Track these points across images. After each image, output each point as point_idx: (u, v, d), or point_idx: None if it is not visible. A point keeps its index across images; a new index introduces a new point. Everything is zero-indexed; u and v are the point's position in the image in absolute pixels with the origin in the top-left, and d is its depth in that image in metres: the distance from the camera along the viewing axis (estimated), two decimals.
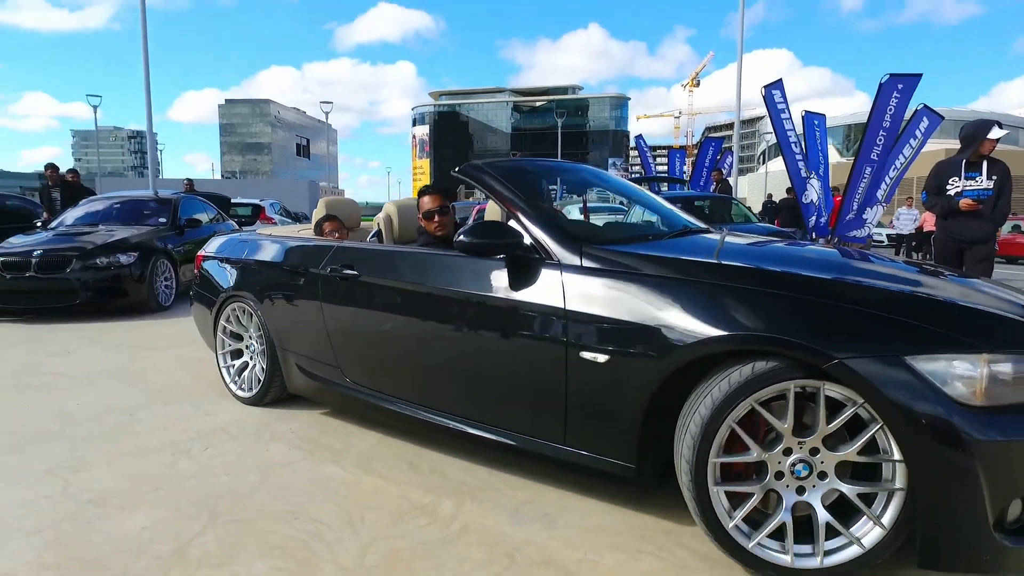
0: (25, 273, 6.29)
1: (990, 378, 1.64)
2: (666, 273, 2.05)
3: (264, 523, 2.20)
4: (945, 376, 1.65)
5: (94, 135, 47.25)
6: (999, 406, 1.64)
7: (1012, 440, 1.62)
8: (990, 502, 1.62)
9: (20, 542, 2.08)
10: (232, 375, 3.66)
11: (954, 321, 1.76)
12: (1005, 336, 1.73)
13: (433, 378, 2.63)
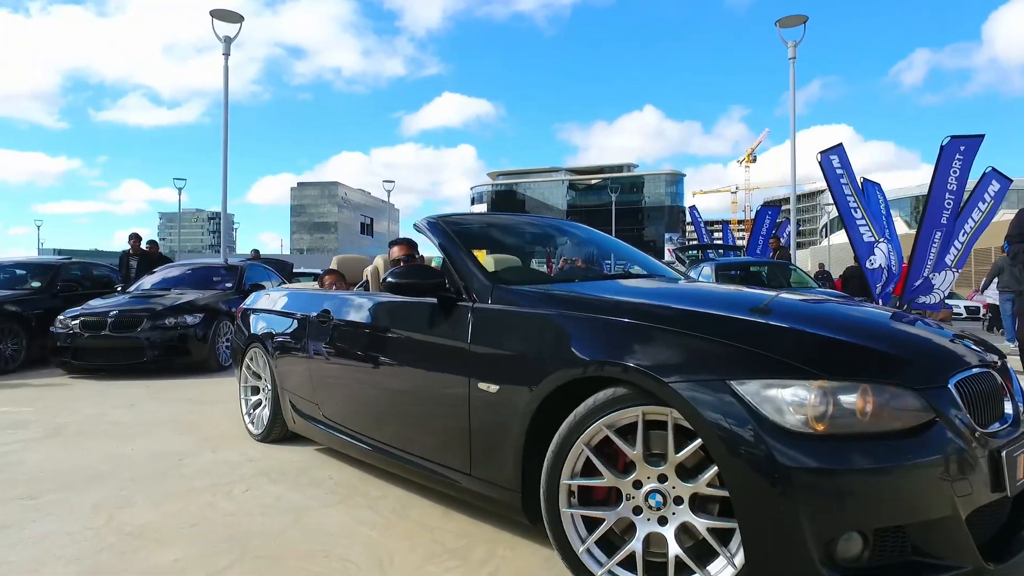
0: (101, 332, 6.69)
1: (821, 405, 1.54)
2: (545, 310, 2.11)
3: (292, 560, 2.16)
4: (770, 401, 1.55)
5: (178, 216, 51.01)
6: (832, 434, 1.52)
7: (839, 469, 1.49)
8: (813, 535, 1.49)
9: (58, 568, 2.11)
10: (249, 414, 3.98)
11: (793, 349, 1.68)
12: (847, 365, 1.64)
13: (375, 412, 2.83)
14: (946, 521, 1.55)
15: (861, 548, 1.53)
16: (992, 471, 1.61)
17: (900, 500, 1.52)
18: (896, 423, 1.56)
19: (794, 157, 12.60)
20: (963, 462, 1.58)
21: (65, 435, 4.08)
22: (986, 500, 1.61)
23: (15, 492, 2.92)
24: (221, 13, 12.23)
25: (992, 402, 1.74)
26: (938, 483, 1.54)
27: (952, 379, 1.67)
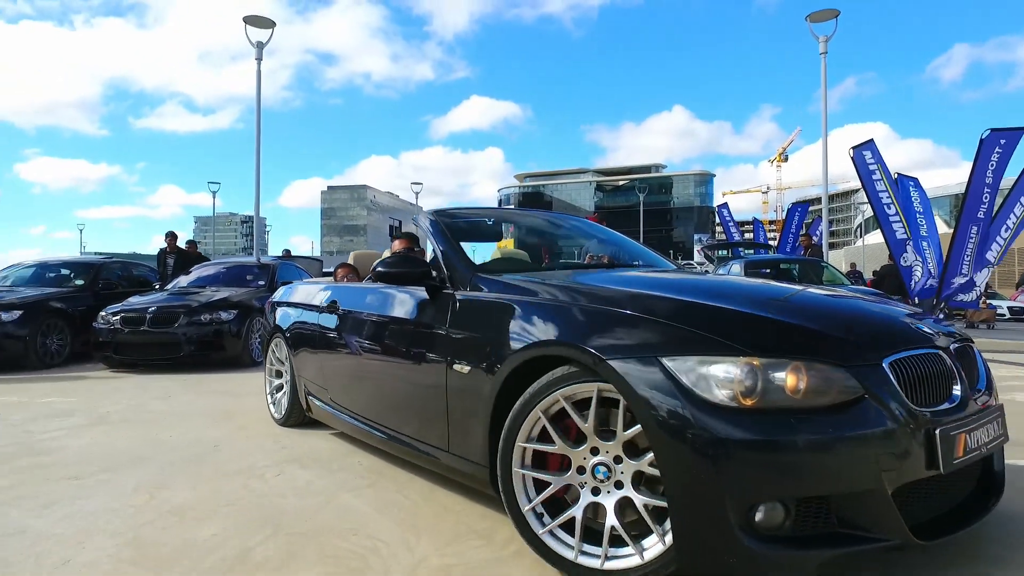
0: (140, 327, 6.91)
1: (749, 381, 1.60)
2: (512, 297, 2.24)
3: (323, 537, 2.22)
4: (699, 377, 1.63)
5: (212, 220, 52.22)
6: (759, 409, 1.59)
7: (760, 441, 1.56)
8: (733, 504, 1.56)
9: (103, 540, 2.21)
10: (272, 399, 4.22)
11: (726, 328, 1.75)
12: (778, 343, 1.70)
13: (372, 394, 3.02)
14: (871, 494, 1.60)
15: (783, 517, 1.59)
16: (927, 449, 1.66)
17: (821, 472, 1.58)
18: (823, 399, 1.61)
19: (825, 155, 12.38)
20: (890, 438, 1.62)
21: (108, 423, 4.24)
22: (917, 476, 1.66)
23: (62, 473, 3.06)
24: (254, 19, 12.52)
25: (937, 383, 1.78)
26: (862, 457, 1.59)
27: (887, 359, 1.71)
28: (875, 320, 1.98)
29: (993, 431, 1.85)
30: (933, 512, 1.78)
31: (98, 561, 2.04)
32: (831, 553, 1.60)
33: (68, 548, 2.15)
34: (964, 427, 1.74)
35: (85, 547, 2.15)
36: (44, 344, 7.32)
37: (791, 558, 1.58)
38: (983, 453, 1.80)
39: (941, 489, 1.81)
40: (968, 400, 1.83)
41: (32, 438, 3.81)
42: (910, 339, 1.85)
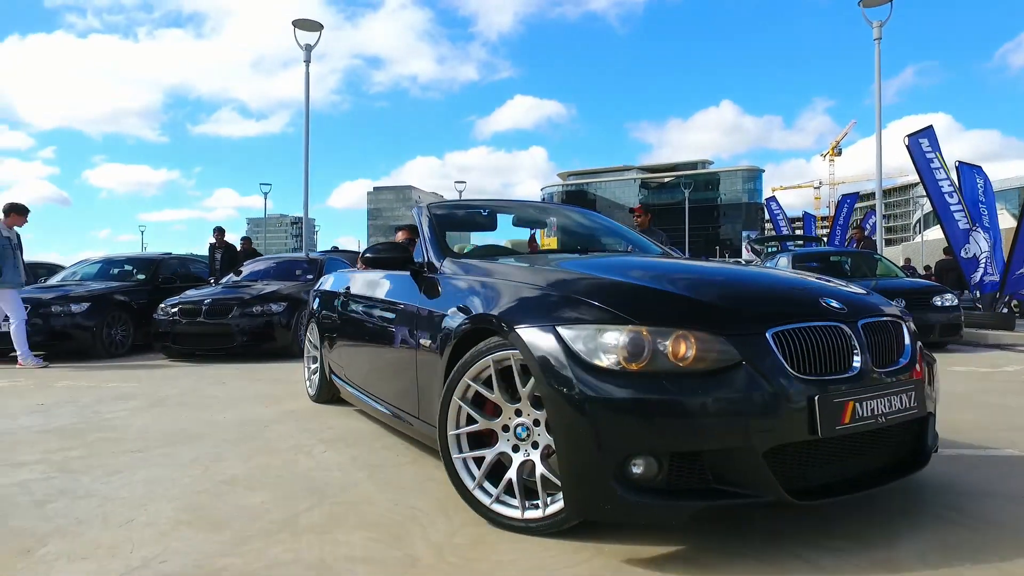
0: (196, 318, 7.23)
1: (632, 347, 1.77)
2: (465, 277, 2.54)
3: (366, 506, 2.31)
4: (587, 343, 1.81)
5: (264, 221, 53.85)
6: (641, 372, 1.75)
7: (630, 400, 1.73)
8: (608, 456, 1.74)
9: (163, 504, 2.35)
10: (308, 379, 4.59)
11: (619, 299, 1.94)
12: (664, 313, 1.87)
13: (369, 367, 3.37)
14: (742, 453, 1.73)
15: (656, 470, 1.75)
16: (808, 415, 1.76)
17: (691, 430, 1.73)
18: (702, 365, 1.77)
19: (879, 144, 11.95)
20: (763, 402, 1.74)
21: (167, 405, 4.47)
22: (795, 439, 1.78)
23: (125, 447, 3.25)
24: (302, 23, 12.89)
25: (834, 354, 1.89)
26: (732, 418, 1.73)
27: (770, 330, 1.84)
28: (765, 294, 2.16)
29: (899, 403, 1.93)
30: (837, 475, 1.91)
31: (157, 521, 2.18)
32: (702, 505, 1.75)
33: (131, 510, 2.30)
34: (854, 396, 1.83)
35: (147, 509, 2.30)
36: (109, 335, 7.73)
37: (662, 508, 1.76)
38: (881, 423, 1.88)
39: (851, 454, 1.92)
40: (868, 372, 1.91)
41: (100, 417, 4.06)
42: (805, 313, 1.95)
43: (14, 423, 3.91)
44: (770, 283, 2.31)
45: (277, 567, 1.82)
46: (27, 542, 2.01)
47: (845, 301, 2.09)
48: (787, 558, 1.84)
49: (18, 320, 6.77)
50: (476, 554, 1.90)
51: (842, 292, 2.22)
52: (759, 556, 1.85)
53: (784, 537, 1.98)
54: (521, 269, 2.41)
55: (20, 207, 7.12)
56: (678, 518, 1.81)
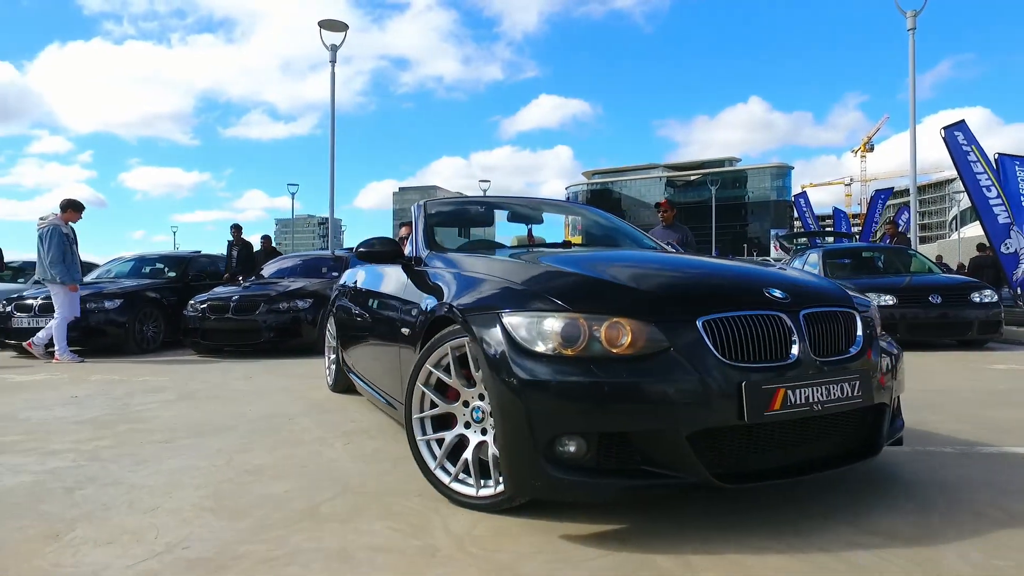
0: (225, 315, 7.34)
1: (567, 333, 1.86)
2: (438, 270, 2.67)
3: (387, 497, 2.30)
4: (526, 329, 1.91)
5: (291, 222, 54.68)
6: (574, 357, 1.84)
7: (559, 382, 1.82)
8: (538, 436, 1.83)
9: (187, 492, 2.37)
10: (328, 369, 4.73)
11: (559, 289, 2.05)
12: (599, 301, 1.96)
13: (367, 356, 3.47)
14: (666, 435, 1.80)
15: (585, 450, 1.84)
16: (737, 400, 1.81)
17: (616, 412, 1.81)
18: (632, 350, 1.84)
19: (914, 138, 11.62)
20: (688, 387, 1.80)
21: (195, 398, 4.53)
22: (722, 424, 1.82)
23: (154, 437, 3.30)
24: (328, 23, 13.02)
25: (770, 342, 1.93)
26: (657, 402, 1.80)
27: (701, 318, 1.89)
28: (704, 284, 2.25)
29: (839, 392, 1.94)
30: (780, 461, 1.96)
31: (182, 509, 2.19)
32: (627, 484, 1.84)
33: (157, 497, 2.32)
34: (787, 384, 1.86)
35: (172, 497, 2.32)
36: (141, 331, 7.89)
37: (589, 486, 1.85)
38: (817, 411, 1.90)
39: (797, 441, 1.97)
40: (806, 360, 1.94)
41: (130, 409, 4.13)
42: (743, 302, 2.00)
43: (49, 414, 4.00)
44: (714, 274, 2.43)
45: (298, 554, 1.81)
46: (56, 526, 2.04)
47: (792, 291, 2.11)
48: (825, 557, 1.77)
49: (62, 317, 6.95)
50: (497, 545, 1.87)
51: (792, 282, 2.25)
52: (795, 554, 1.79)
53: (820, 535, 1.91)
54: (485, 262, 2.55)
55: (77, 203, 7.34)
56: (604, 496, 1.92)
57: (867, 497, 2.21)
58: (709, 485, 1.81)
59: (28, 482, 2.54)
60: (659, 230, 6.84)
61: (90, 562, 1.78)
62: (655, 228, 6.95)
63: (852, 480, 2.38)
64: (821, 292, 2.25)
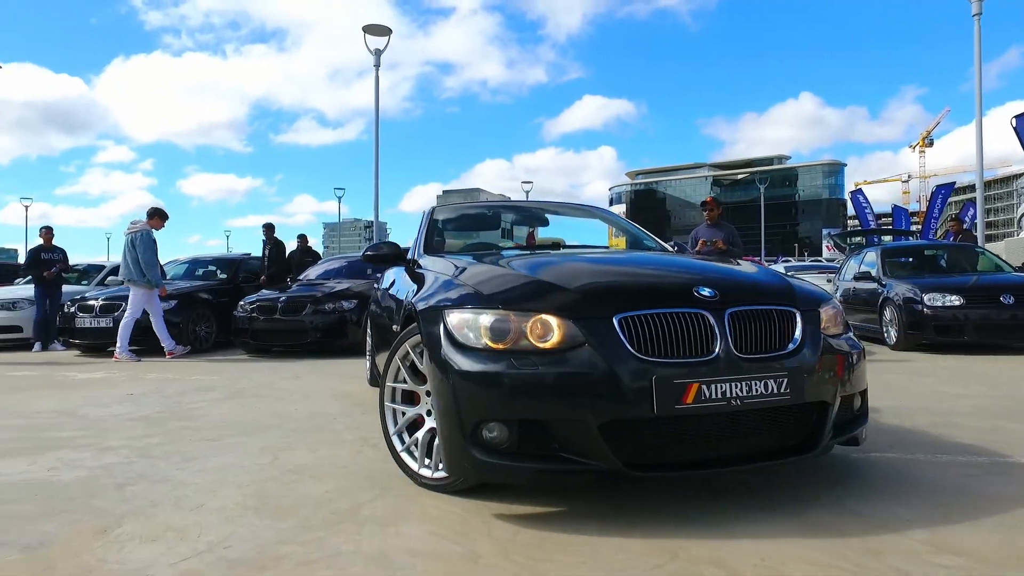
0: (273, 315, 7.49)
1: (490, 326, 2.01)
2: (423, 271, 2.82)
3: (429, 499, 2.25)
4: (460, 324, 2.06)
5: (338, 226, 55.78)
6: (500, 350, 1.98)
7: (481, 373, 1.97)
8: (464, 422, 1.98)
9: (232, 491, 2.38)
10: (367, 363, 4.87)
11: (502, 288, 2.20)
12: (525, 300, 2.10)
13: (380, 354, 3.60)
14: (579, 424, 1.90)
15: (506, 435, 1.98)
16: (649, 393, 1.88)
17: (532, 401, 1.94)
18: (551, 344, 1.96)
19: (980, 129, 11.02)
20: (600, 380, 1.90)
21: (242, 397, 4.61)
22: (632, 416, 1.90)
23: (202, 435, 3.35)
24: (372, 28, 13.20)
25: (691, 339, 1.98)
26: (569, 392, 1.91)
27: (617, 315, 1.98)
28: (631, 282, 2.33)
29: (762, 389, 1.96)
30: (706, 454, 2.03)
31: (226, 507, 2.20)
32: (541, 467, 1.98)
33: (202, 495, 2.34)
34: (702, 379, 1.91)
35: (216, 495, 2.33)
36: (195, 331, 8.13)
37: (508, 468, 1.99)
38: (736, 406, 1.94)
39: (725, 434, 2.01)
40: (725, 357, 1.97)
41: (181, 407, 4.23)
42: (662, 301, 2.07)
43: (106, 411, 4.13)
44: (645, 272, 2.54)
45: (337, 557, 1.78)
46: (105, 521, 2.07)
47: (725, 289, 2.16)
48: (891, 574, 1.64)
49: (131, 316, 7.29)
50: (542, 554, 1.79)
51: (730, 280, 2.35)
52: (859, 572, 1.66)
53: (888, 550, 1.77)
54: (451, 264, 2.69)
55: (163, 212, 7.84)
56: (521, 478, 2.08)
57: (951, 513, 2.05)
58: (620, 473, 1.91)
59: (83, 477, 2.60)
60: (703, 228, 6.65)
61: (135, 559, 1.79)
62: (699, 227, 6.75)
63: (927, 491, 2.21)
64: (760, 290, 2.31)
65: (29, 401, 4.57)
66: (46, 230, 9.16)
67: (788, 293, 2.28)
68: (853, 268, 9.19)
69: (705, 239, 6.32)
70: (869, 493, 2.24)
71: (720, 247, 6.17)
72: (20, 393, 4.98)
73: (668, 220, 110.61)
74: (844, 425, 2.24)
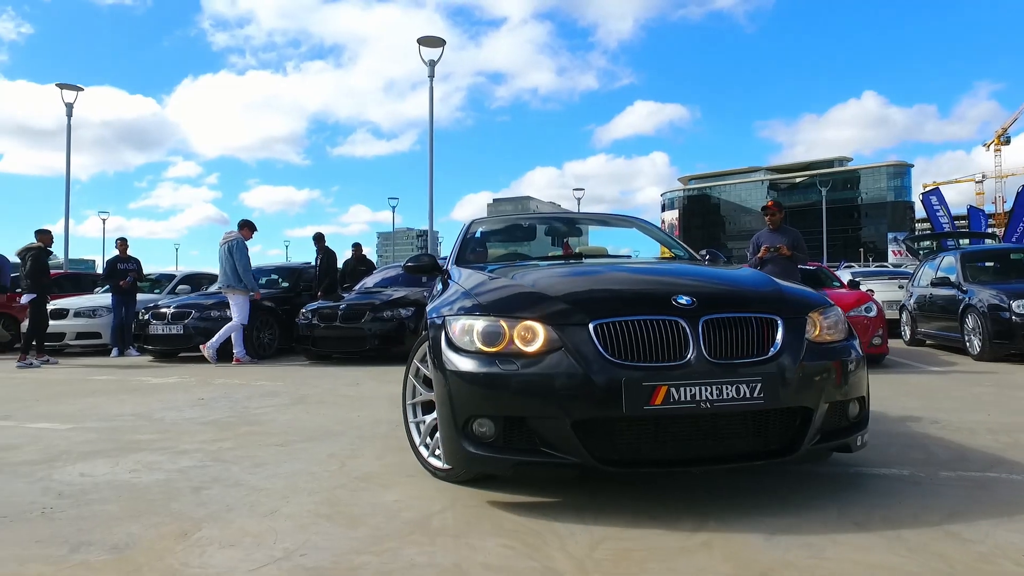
0: (333, 323, 7.64)
1: (482, 331, 2.23)
2: (451, 280, 2.97)
3: (501, 511, 2.21)
4: (459, 330, 2.28)
5: (392, 235, 56.92)
6: (492, 352, 2.18)
7: (470, 373, 2.18)
8: (457, 417, 2.21)
9: (304, 498, 2.40)
10: None
11: (490, 298, 2.45)
12: (514, 308, 2.30)
13: None
14: (555, 421, 2.07)
15: (493, 430, 2.17)
16: (619, 395, 2.02)
17: (513, 399, 2.12)
18: (534, 348, 2.15)
19: None
20: (574, 382, 2.06)
21: (306, 403, 4.70)
22: (603, 415, 2.05)
23: (271, 440, 3.41)
24: (426, 40, 13.41)
25: (664, 345, 2.10)
26: (545, 392, 2.08)
27: (594, 322, 2.14)
28: (606, 292, 2.48)
29: (734, 393, 2.05)
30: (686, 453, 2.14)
31: (299, 514, 2.21)
32: (521, 459, 2.14)
33: (275, 501, 2.36)
34: (672, 382, 2.03)
35: (289, 501, 2.35)
36: (259, 338, 8.38)
37: (493, 459, 2.18)
38: (705, 408, 2.03)
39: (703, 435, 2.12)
40: (699, 362, 2.07)
41: (249, 412, 4.34)
42: (639, 308, 2.20)
43: (180, 415, 4.27)
44: (631, 281, 2.64)
45: (413, 569, 1.75)
46: (185, 525, 2.11)
47: (704, 298, 2.26)
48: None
49: (239, 322, 7.74)
50: (621, 570, 1.72)
51: (712, 289, 2.52)
52: None
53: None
54: (467, 276, 2.89)
55: (252, 224, 8.45)
56: (504, 469, 2.22)
57: None
58: (592, 468, 2.05)
59: (161, 479, 2.68)
60: (765, 233, 6.37)
61: (215, 564, 1.81)
62: (761, 232, 6.47)
63: None
64: (742, 297, 2.41)
65: (109, 405, 4.78)
66: (121, 241, 9.63)
67: (773, 300, 2.36)
68: (929, 274, 8.72)
69: (768, 245, 6.06)
70: (975, 516, 2.07)
71: (784, 253, 5.91)
72: (101, 396, 5.22)
73: (723, 226, 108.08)
74: (836, 431, 2.27)
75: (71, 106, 17.19)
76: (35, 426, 3.94)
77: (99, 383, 6.16)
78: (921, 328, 8.72)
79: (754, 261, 5.98)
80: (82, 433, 3.68)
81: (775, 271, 5.72)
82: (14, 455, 3.17)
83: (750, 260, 6.11)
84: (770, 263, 5.88)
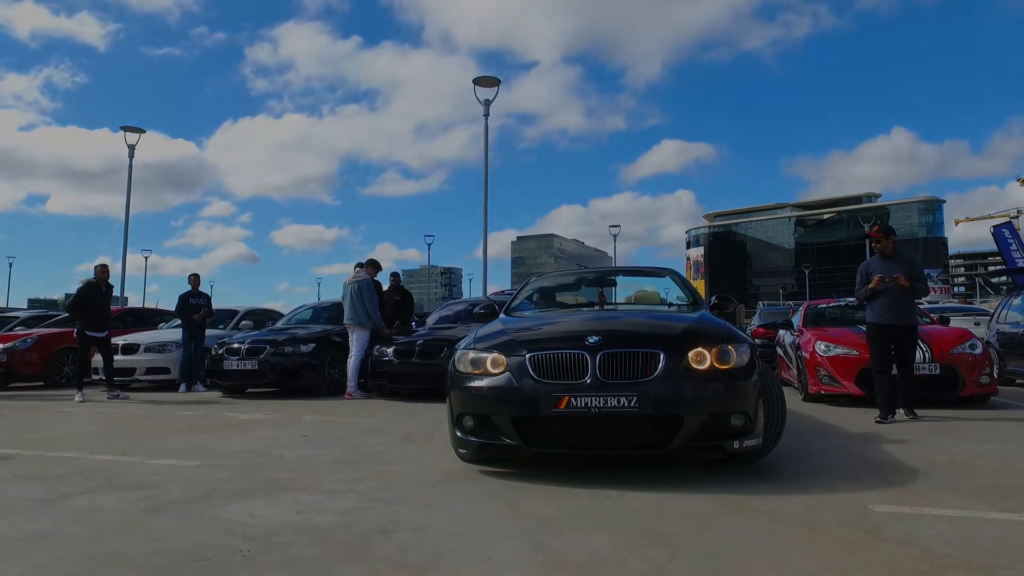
0: (409, 359, 7.57)
1: (471, 359, 3.40)
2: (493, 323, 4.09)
3: (730, 561, 2.06)
4: (460, 357, 3.47)
5: (428, 271, 57.39)
6: (474, 373, 3.35)
7: (460, 384, 3.36)
8: (453, 414, 3.41)
9: (503, 542, 2.28)
10: None
11: (490, 337, 3.58)
12: (490, 344, 3.44)
13: None
14: (502, 418, 3.17)
15: (473, 423, 3.30)
16: (537, 401, 3.08)
17: (478, 402, 3.28)
18: (496, 370, 3.27)
19: None
20: (512, 392, 3.15)
21: (416, 441, 4.60)
22: (529, 414, 3.11)
23: (414, 480, 3.30)
24: (481, 80, 13.67)
25: (571, 369, 3.12)
26: (495, 398, 3.21)
27: (529, 354, 3.21)
28: (544, 333, 3.60)
29: (616, 403, 2.99)
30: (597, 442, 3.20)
31: (516, 560, 2.09)
32: (485, 441, 3.26)
33: (478, 546, 2.24)
34: (571, 393, 3.03)
35: (493, 547, 2.23)
36: (329, 373, 8.34)
37: (471, 443, 3.30)
38: (594, 412, 2.99)
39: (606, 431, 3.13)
40: (592, 381, 3.05)
41: (365, 449, 4.24)
42: (560, 345, 3.24)
43: (297, 452, 4.18)
44: (567, 324, 3.75)
45: None
46: (408, 574, 1.99)
47: (608, 338, 3.22)
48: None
49: (357, 358, 7.90)
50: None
51: (615, 332, 3.38)
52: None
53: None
54: (491, 324, 3.98)
55: (377, 263, 8.88)
56: (472, 448, 3.32)
57: None
58: (524, 449, 3.14)
59: (337, 521, 2.57)
60: (876, 261, 5.74)
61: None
62: (871, 259, 5.99)
63: None
64: (637, 338, 3.32)
65: (214, 441, 4.71)
66: (194, 277, 9.75)
67: (662, 339, 3.24)
68: (1016, 316, 8.43)
69: (882, 275, 5.57)
70: None
71: (902, 283, 5.35)
72: (201, 433, 5.16)
73: (748, 263, 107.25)
74: (714, 436, 3.06)
75: (133, 147, 17.78)
76: (159, 462, 3.88)
77: (188, 419, 6.12)
78: (1010, 366, 8.39)
79: (864, 292, 5.57)
80: (214, 471, 3.60)
81: (888, 303, 5.42)
82: (164, 493, 3.10)
83: (858, 291, 5.70)
84: (883, 295, 5.45)
